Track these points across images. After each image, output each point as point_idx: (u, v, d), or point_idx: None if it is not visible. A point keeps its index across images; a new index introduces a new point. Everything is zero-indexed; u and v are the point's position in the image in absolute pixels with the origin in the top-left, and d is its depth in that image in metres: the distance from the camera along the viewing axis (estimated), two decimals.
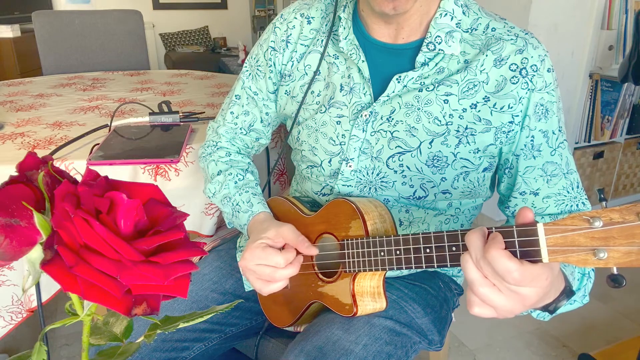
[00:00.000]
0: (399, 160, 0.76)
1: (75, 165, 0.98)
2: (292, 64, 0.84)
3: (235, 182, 0.87)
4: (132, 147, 1.06)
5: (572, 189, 0.75)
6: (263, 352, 0.90)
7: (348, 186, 0.80)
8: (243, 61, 4.19)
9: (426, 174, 0.75)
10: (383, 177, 0.78)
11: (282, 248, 0.76)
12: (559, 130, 0.74)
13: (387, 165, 0.77)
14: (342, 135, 0.79)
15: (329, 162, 0.81)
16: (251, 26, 5.77)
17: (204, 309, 0.42)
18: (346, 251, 0.70)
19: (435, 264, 0.58)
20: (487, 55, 0.72)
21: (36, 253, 0.34)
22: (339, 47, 0.78)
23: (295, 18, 0.84)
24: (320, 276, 0.75)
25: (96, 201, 0.32)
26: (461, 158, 0.74)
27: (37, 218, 0.32)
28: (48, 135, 1.12)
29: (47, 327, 0.37)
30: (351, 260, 0.69)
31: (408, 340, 0.77)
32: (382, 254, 0.64)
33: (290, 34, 0.83)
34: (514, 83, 0.71)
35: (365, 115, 0.76)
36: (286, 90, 0.86)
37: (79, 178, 0.35)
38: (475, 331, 1.67)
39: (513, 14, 2.07)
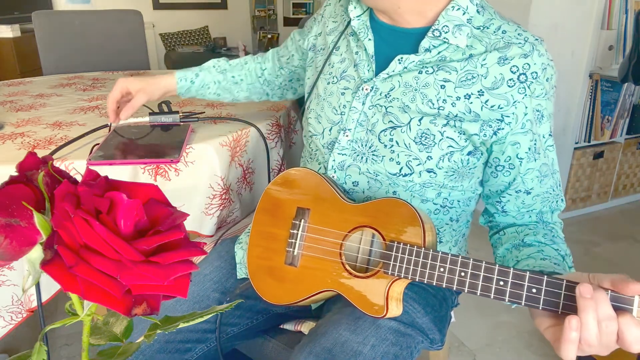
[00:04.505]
0: (390, 134, 0.78)
1: (75, 165, 0.97)
2: (322, 38, 0.94)
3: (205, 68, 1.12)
4: (132, 147, 1.06)
5: (556, 187, 0.82)
6: (262, 352, 0.90)
7: (343, 154, 0.83)
8: None
9: (413, 150, 0.77)
10: (374, 151, 0.80)
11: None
12: (549, 135, 0.79)
13: (379, 139, 0.79)
14: (344, 105, 0.84)
15: (330, 130, 0.86)
16: (251, 26, 5.77)
17: (205, 309, 0.42)
18: (393, 254, 0.67)
19: (507, 298, 0.58)
20: (491, 52, 0.74)
21: (36, 253, 0.34)
22: (352, 25, 0.85)
23: None
24: (348, 267, 0.72)
25: (96, 201, 0.32)
26: (447, 137, 0.76)
27: (37, 218, 0.32)
28: (48, 135, 1.12)
29: (47, 327, 0.37)
30: (397, 264, 0.66)
31: (412, 340, 0.78)
32: (442, 270, 0.63)
33: (325, 10, 0.96)
34: (510, 86, 0.73)
35: (366, 89, 0.81)
36: (314, 61, 0.95)
37: (79, 178, 0.35)
38: (475, 331, 1.67)
39: (513, 14, 2.07)
